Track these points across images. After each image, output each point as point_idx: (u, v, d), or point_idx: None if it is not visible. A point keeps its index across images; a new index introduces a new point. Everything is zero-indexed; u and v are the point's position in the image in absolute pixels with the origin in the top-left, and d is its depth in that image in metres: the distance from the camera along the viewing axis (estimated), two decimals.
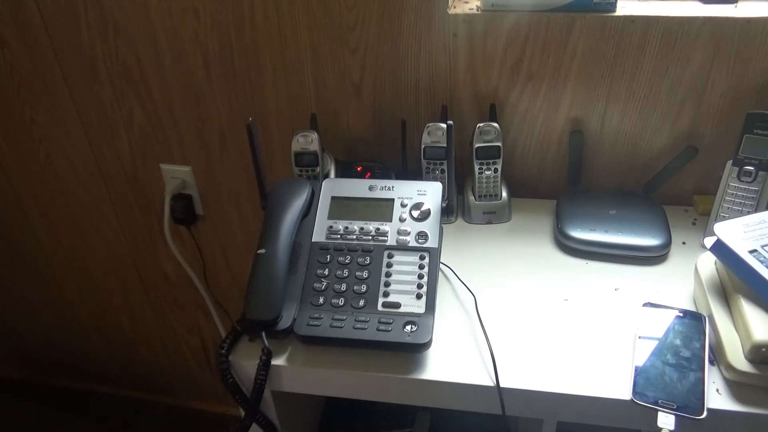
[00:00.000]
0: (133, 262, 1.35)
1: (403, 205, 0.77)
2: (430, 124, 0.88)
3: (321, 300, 0.71)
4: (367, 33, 0.90)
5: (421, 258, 0.73)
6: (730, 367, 0.63)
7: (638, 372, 0.64)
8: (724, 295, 0.69)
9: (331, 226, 0.77)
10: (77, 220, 1.31)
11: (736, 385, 0.63)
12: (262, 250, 0.71)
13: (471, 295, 0.77)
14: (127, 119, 1.11)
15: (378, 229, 0.76)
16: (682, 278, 0.78)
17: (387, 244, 0.74)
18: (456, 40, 0.88)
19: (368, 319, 0.68)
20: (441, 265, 0.80)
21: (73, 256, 1.39)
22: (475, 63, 0.89)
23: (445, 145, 0.86)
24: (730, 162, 0.82)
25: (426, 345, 0.66)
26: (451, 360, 0.68)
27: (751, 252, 0.66)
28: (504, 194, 0.92)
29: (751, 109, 0.80)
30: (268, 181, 0.81)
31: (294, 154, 0.88)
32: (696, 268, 0.74)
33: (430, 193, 0.78)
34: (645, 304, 0.72)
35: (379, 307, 0.70)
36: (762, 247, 0.66)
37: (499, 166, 0.90)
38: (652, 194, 0.93)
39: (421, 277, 0.71)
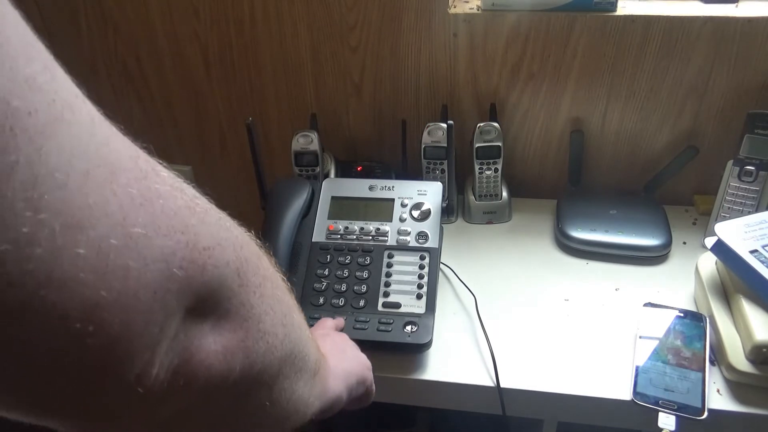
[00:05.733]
0: None
1: (404, 205, 0.77)
2: (431, 124, 0.87)
3: (321, 300, 0.71)
4: (368, 32, 0.90)
5: (422, 258, 0.73)
6: (730, 368, 0.63)
7: (639, 372, 0.64)
8: (725, 295, 0.69)
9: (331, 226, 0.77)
10: None
11: (737, 386, 0.63)
12: None
13: (471, 295, 0.76)
14: (126, 119, 1.10)
15: (378, 229, 0.76)
16: (683, 278, 0.78)
17: (387, 244, 0.74)
18: (456, 40, 0.88)
19: (368, 320, 0.68)
20: (441, 265, 0.79)
21: None
22: (475, 62, 0.89)
23: (445, 144, 0.86)
24: (730, 162, 0.82)
25: (426, 345, 0.66)
26: (452, 360, 0.68)
27: (751, 252, 0.65)
28: (504, 194, 0.92)
29: (752, 109, 0.80)
30: (268, 181, 0.81)
31: (294, 154, 0.88)
32: (696, 268, 0.74)
33: (430, 193, 0.78)
34: (645, 304, 0.71)
35: (380, 308, 0.69)
36: (763, 247, 0.66)
37: (499, 166, 0.90)
38: (652, 194, 0.93)
39: (421, 277, 0.71)
